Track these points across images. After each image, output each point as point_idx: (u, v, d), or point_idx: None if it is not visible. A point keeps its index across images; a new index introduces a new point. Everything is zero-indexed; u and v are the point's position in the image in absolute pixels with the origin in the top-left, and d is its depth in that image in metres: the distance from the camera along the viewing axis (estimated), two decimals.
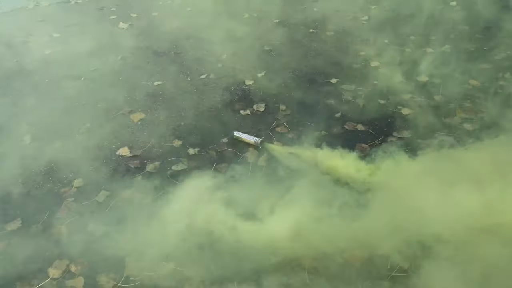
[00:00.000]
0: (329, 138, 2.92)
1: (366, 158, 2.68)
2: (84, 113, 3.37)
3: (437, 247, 2.07)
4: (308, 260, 2.09)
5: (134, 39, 4.70)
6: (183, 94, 3.60)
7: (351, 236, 2.12)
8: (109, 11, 5.52)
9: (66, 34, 4.88)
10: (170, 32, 4.85)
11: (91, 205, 2.47)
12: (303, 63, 4.04)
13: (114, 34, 4.85)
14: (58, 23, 5.16)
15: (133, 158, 2.85)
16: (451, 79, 3.54)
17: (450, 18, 4.70)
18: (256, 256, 2.10)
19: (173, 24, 5.09)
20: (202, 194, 2.43)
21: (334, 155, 2.69)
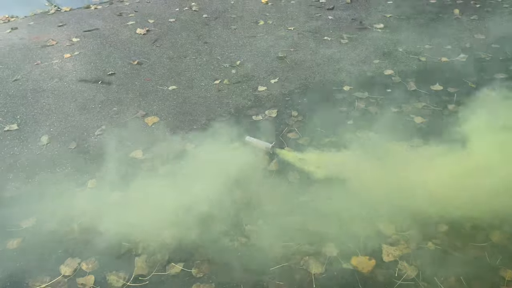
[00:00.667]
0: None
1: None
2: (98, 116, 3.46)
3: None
4: None
5: (150, 44, 4.79)
6: (197, 99, 3.65)
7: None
8: (127, 17, 5.64)
9: (85, 38, 5.00)
10: (187, 37, 4.94)
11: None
12: (316, 70, 4.06)
13: (131, 38, 4.96)
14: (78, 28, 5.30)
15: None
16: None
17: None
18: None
19: (190, 29, 5.18)
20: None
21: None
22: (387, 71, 3.93)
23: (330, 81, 3.83)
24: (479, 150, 2.55)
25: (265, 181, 2.64)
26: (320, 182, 2.56)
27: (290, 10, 5.78)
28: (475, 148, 2.58)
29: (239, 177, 2.62)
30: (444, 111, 3.27)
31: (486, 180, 2.27)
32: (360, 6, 5.73)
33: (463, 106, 3.23)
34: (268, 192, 2.52)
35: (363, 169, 2.55)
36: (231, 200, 2.47)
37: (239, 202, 2.47)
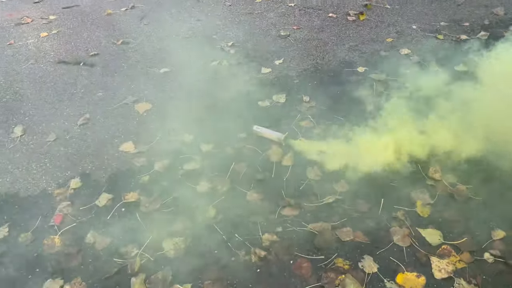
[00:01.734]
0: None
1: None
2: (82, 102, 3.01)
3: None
4: None
5: (137, 23, 4.32)
6: (193, 83, 3.23)
7: None
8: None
9: (64, 16, 4.49)
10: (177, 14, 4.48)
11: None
12: (324, 49, 3.66)
13: (116, 16, 4.47)
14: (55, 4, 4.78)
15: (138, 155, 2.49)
16: None
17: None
18: None
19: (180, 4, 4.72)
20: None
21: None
22: (402, 50, 3.55)
23: (341, 62, 3.44)
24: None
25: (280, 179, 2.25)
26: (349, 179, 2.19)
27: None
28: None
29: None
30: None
31: None
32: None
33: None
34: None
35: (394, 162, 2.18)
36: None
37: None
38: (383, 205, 2.03)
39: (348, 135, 2.45)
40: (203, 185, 2.21)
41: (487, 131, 2.26)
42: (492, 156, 2.22)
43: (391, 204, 2.04)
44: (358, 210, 2.01)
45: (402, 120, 2.51)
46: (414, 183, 2.14)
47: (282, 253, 1.82)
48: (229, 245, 1.88)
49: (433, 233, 1.86)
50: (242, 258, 1.82)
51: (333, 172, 2.24)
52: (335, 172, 2.24)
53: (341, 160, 2.28)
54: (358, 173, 2.19)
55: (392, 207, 2.02)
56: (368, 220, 1.96)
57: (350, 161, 2.26)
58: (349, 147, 2.36)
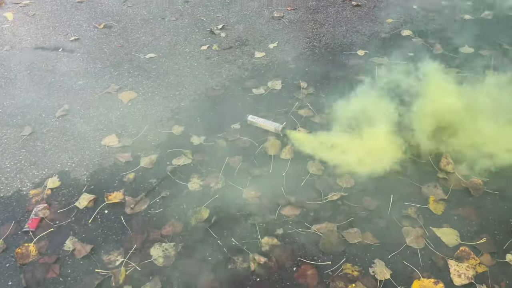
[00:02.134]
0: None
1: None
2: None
3: None
4: None
5: (120, 4, 4.04)
6: (182, 69, 2.99)
7: None
8: None
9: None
10: None
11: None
12: (320, 32, 3.43)
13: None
14: None
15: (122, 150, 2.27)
16: None
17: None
18: None
19: None
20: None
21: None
22: (404, 31, 3.35)
23: (339, 45, 3.23)
24: None
25: (278, 174, 2.06)
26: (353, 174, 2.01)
27: None
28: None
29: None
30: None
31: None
32: None
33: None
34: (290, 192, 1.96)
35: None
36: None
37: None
38: (392, 201, 1.85)
39: (351, 125, 2.26)
40: (195, 182, 2.01)
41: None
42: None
43: (401, 200, 1.86)
44: (365, 208, 1.84)
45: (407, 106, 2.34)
46: (425, 177, 1.97)
47: (284, 259, 1.64)
48: (224, 250, 1.69)
49: (449, 233, 1.69)
50: (239, 266, 1.63)
51: (336, 165, 2.05)
52: (339, 166, 2.05)
53: (344, 152, 2.09)
54: (363, 167, 2.00)
55: (403, 203, 1.85)
56: (377, 219, 1.78)
57: (354, 153, 2.07)
58: (352, 137, 2.16)
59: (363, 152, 2.06)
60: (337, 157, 2.07)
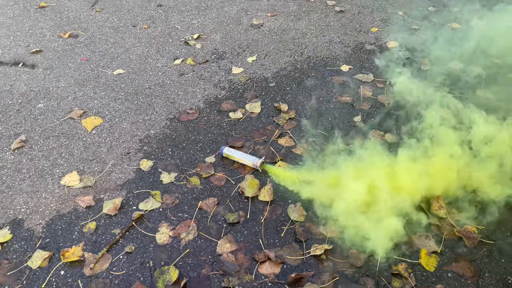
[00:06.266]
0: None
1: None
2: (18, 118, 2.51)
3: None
4: None
5: (88, 9, 3.75)
6: (153, 88, 2.76)
7: None
8: None
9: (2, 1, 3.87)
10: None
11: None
12: (302, 42, 3.22)
13: (63, 0, 3.88)
14: None
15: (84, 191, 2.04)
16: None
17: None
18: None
19: None
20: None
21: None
22: (390, 43, 3.16)
23: (322, 58, 3.03)
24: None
25: (256, 221, 1.87)
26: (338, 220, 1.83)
27: None
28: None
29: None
30: None
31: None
32: None
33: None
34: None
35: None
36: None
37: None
38: (381, 256, 1.68)
39: (334, 157, 2.08)
40: (164, 232, 1.81)
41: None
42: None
43: (391, 253, 1.70)
44: (352, 264, 1.66)
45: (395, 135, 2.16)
46: (416, 224, 1.80)
47: None
48: None
49: None
50: None
51: (319, 209, 1.87)
52: (322, 210, 1.87)
53: (328, 193, 1.91)
54: (349, 212, 1.83)
55: (393, 257, 1.68)
56: (364, 279, 1.61)
57: (338, 194, 1.89)
58: (336, 174, 1.98)
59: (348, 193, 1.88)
60: (321, 199, 1.89)
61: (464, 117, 2.23)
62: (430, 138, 2.07)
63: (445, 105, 2.35)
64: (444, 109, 2.32)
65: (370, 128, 2.34)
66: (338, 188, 1.91)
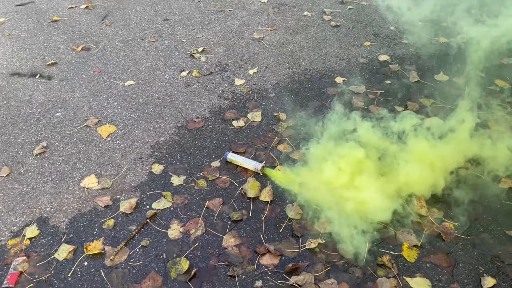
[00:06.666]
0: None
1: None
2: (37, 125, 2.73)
3: None
4: None
5: (98, 23, 3.99)
6: (162, 98, 2.99)
7: None
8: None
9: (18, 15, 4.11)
10: (143, 12, 4.17)
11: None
12: (299, 56, 3.46)
13: (75, 14, 4.12)
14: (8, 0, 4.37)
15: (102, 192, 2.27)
16: None
17: None
18: None
19: (145, 1, 4.39)
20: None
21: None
22: (381, 56, 3.40)
23: (318, 71, 3.26)
24: None
25: (258, 218, 2.09)
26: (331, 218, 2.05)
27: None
28: None
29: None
30: None
31: None
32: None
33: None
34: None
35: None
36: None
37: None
38: (368, 249, 1.90)
39: (328, 162, 2.30)
40: (175, 229, 2.03)
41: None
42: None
43: (377, 247, 1.92)
44: (342, 256, 1.88)
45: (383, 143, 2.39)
46: (400, 221, 2.03)
47: None
48: None
49: (421, 283, 1.76)
50: None
51: (314, 209, 2.10)
52: (316, 209, 2.09)
53: (321, 194, 2.13)
54: (340, 210, 2.05)
55: (378, 250, 1.90)
56: (353, 269, 1.83)
57: (332, 195, 2.11)
58: (330, 177, 2.20)
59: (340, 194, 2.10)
60: (316, 199, 2.11)
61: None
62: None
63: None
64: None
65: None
66: (329, 189, 2.13)
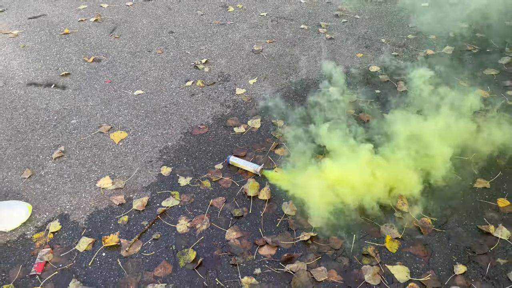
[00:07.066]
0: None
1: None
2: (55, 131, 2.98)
3: None
4: None
5: (107, 35, 4.26)
6: (169, 107, 3.24)
7: None
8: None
9: (31, 28, 4.37)
10: (149, 25, 4.44)
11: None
12: (296, 66, 3.72)
13: (85, 27, 4.39)
14: (21, 14, 4.63)
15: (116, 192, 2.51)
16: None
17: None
18: None
19: (151, 14, 4.67)
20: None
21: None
22: (372, 67, 3.65)
23: (313, 80, 3.51)
24: None
25: (257, 215, 2.33)
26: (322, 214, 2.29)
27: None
28: None
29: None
30: None
31: None
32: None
33: None
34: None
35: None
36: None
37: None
38: (354, 241, 2.14)
39: (320, 164, 2.54)
40: (183, 224, 2.27)
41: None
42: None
43: (363, 239, 2.15)
44: (332, 247, 2.12)
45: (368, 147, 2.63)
46: (384, 216, 2.26)
47: None
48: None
49: (401, 270, 1.99)
50: None
51: (307, 206, 2.33)
52: (309, 206, 2.33)
53: (314, 193, 2.37)
54: (331, 207, 2.29)
55: (363, 242, 2.14)
56: (341, 258, 2.07)
57: (323, 193, 2.35)
58: (322, 177, 2.44)
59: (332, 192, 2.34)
60: (308, 197, 2.36)
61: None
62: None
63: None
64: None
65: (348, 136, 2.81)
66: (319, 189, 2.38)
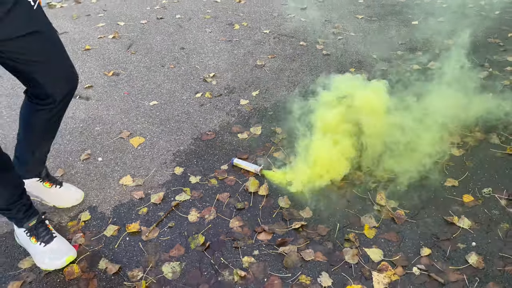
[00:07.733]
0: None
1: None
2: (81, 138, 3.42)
3: None
4: None
5: (125, 51, 4.71)
6: (180, 116, 3.67)
7: None
8: (96, 17, 5.49)
9: None
10: (162, 41, 4.88)
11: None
12: (294, 80, 4.14)
13: (104, 44, 4.85)
14: None
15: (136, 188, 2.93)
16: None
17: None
18: None
19: (164, 32, 5.11)
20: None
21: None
22: None
23: (310, 93, 3.93)
24: None
25: (256, 207, 2.73)
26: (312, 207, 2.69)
27: (263, 10, 5.79)
28: None
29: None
30: None
31: None
32: (332, 6, 5.81)
33: None
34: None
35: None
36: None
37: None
38: (338, 229, 2.53)
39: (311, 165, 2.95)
40: (193, 215, 2.67)
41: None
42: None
43: (345, 227, 2.54)
44: (319, 234, 2.51)
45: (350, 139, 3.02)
46: (364, 209, 2.66)
47: (258, 273, 2.30)
48: (216, 267, 2.35)
49: (376, 252, 2.37)
50: (226, 278, 2.29)
51: (299, 199, 2.73)
52: (301, 200, 2.73)
53: (306, 189, 2.77)
54: (321, 201, 2.69)
55: (346, 230, 2.53)
56: (326, 242, 2.46)
57: (314, 189, 2.76)
58: (314, 176, 2.84)
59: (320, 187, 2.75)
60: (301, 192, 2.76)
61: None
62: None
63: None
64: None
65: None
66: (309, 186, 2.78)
